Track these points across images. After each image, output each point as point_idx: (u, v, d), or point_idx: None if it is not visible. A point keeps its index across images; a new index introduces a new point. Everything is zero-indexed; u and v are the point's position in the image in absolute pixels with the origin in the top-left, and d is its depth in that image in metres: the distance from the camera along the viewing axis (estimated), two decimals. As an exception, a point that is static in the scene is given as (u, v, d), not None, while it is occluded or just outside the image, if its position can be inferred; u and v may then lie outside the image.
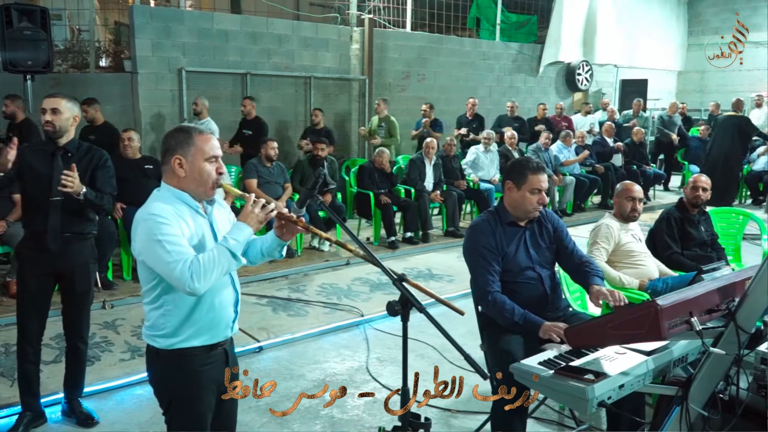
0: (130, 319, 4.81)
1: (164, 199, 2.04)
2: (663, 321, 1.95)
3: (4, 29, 6.05)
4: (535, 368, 2.26)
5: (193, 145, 2.05)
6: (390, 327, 4.84)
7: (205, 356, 2.12)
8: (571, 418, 3.42)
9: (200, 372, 2.10)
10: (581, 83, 12.73)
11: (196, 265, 1.91)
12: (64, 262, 3.21)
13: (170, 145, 2.07)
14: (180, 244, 1.94)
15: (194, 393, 2.11)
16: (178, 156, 2.05)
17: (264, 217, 2.02)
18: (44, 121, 3.13)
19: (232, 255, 1.96)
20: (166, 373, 2.12)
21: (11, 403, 3.47)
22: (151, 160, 5.88)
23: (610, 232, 3.81)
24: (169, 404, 2.14)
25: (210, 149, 2.06)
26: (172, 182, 2.08)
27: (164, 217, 1.95)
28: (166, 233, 1.93)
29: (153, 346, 2.11)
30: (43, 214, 3.14)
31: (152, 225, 1.94)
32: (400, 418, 1.86)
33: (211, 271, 1.92)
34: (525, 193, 2.91)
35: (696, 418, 2.32)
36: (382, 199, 7.08)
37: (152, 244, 1.93)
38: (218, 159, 2.08)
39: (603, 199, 9.62)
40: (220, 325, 2.14)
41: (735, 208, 5.57)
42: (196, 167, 2.04)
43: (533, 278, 2.94)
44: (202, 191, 2.09)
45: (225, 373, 2.15)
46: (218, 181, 2.08)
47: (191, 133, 2.07)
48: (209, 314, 2.09)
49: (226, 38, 8.37)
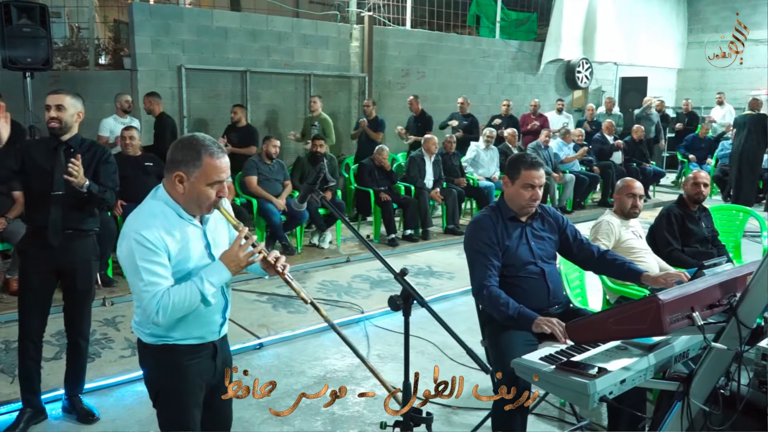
0: (130, 316, 4.74)
1: (156, 209, 1.99)
2: (665, 316, 1.95)
3: (4, 26, 6.05)
4: (537, 363, 2.25)
5: (199, 168, 1.95)
6: (390, 324, 4.84)
7: (192, 351, 2.11)
8: (571, 414, 3.42)
9: (186, 366, 2.10)
10: (581, 81, 12.72)
11: (165, 301, 1.90)
12: (65, 259, 3.21)
13: (176, 158, 1.98)
14: (157, 273, 1.91)
15: (180, 387, 2.11)
16: (180, 173, 1.96)
17: (246, 263, 1.99)
18: (49, 117, 3.12)
19: (203, 298, 1.95)
20: (153, 365, 2.13)
21: (12, 399, 3.47)
22: (151, 157, 5.87)
23: (611, 228, 3.80)
24: (156, 396, 2.15)
25: (215, 174, 1.96)
26: (169, 191, 2.02)
27: (150, 241, 1.90)
28: (147, 259, 1.90)
29: (141, 339, 2.13)
30: (44, 209, 3.14)
31: (135, 247, 1.90)
32: (402, 414, 1.86)
33: (177, 310, 1.93)
34: (518, 188, 2.91)
35: (697, 413, 2.32)
36: (382, 197, 7.08)
37: (132, 264, 1.92)
38: (222, 182, 1.99)
39: (603, 197, 9.62)
40: (206, 328, 2.13)
41: (735, 205, 5.57)
42: (196, 189, 1.97)
43: (535, 273, 2.93)
44: (197, 211, 2.04)
45: (216, 369, 2.17)
46: (216, 203, 2.02)
47: (201, 153, 1.95)
48: (196, 319, 2.07)
49: (226, 36, 8.36)
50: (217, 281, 1.97)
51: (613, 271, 3.05)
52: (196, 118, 8.14)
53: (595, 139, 9.98)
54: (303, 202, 2.13)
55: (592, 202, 9.84)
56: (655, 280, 2.78)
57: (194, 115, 8.12)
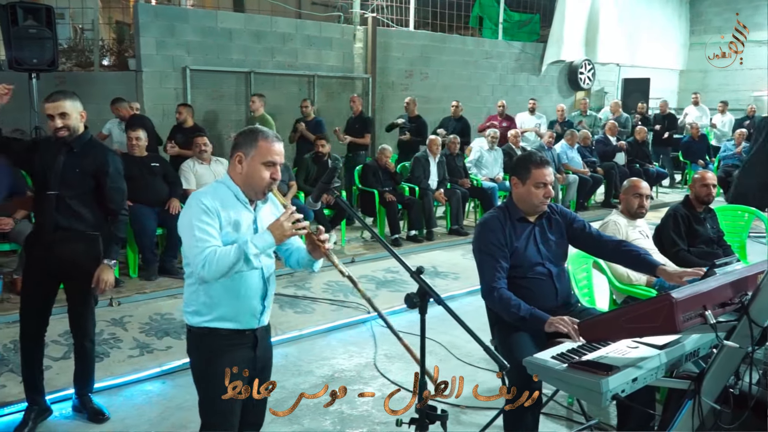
0: (137, 316, 4.83)
1: (218, 188, 2.21)
2: (678, 314, 1.96)
3: (10, 27, 6.07)
4: (549, 362, 2.26)
5: (255, 147, 2.19)
6: (397, 324, 4.81)
7: (232, 337, 2.23)
8: (579, 413, 3.43)
9: (224, 352, 2.20)
10: (583, 82, 12.73)
11: (211, 256, 2.06)
12: (66, 261, 3.17)
13: (238, 141, 2.24)
14: (209, 233, 2.09)
15: (219, 372, 2.12)
16: (240, 153, 2.20)
17: (291, 232, 2.14)
18: (55, 127, 3.07)
19: (246, 259, 2.09)
20: (194, 349, 2.26)
21: (22, 399, 3.46)
22: (157, 158, 5.89)
23: (618, 228, 3.81)
24: (197, 381, 2.26)
25: (269, 154, 2.18)
26: (231, 174, 2.24)
27: (206, 206, 2.11)
28: (201, 219, 2.09)
29: (187, 323, 2.26)
30: (41, 208, 3.15)
31: (194, 210, 2.11)
32: (417, 410, 1.87)
33: (221, 266, 2.07)
34: (530, 188, 2.92)
35: (707, 412, 2.33)
36: (387, 197, 7.09)
37: (188, 224, 2.11)
38: (276, 165, 2.20)
39: (606, 198, 9.63)
40: (246, 314, 2.25)
41: (740, 206, 5.58)
42: (252, 168, 2.18)
43: (543, 274, 2.94)
44: (253, 193, 2.23)
45: (256, 360, 2.30)
46: (270, 186, 2.20)
47: (257, 135, 2.21)
48: (234, 301, 2.21)
49: (230, 37, 8.39)
50: (261, 244, 2.11)
51: (629, 261, 2.98)
52: (200, 119, 8.15)
53: (599, 140, 9.99)
54: (317, 201, 2.15)
55: (595, 203, 9.85)
56: (671, 276, 2.73)
57: (199, 116, 8.14)
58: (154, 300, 5.20)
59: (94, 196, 3.21)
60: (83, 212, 3.17)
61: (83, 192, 3.17)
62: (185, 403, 3.50)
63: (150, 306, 5.07)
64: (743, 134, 10.36)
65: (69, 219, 3.14)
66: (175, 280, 5.45)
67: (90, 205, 3.20)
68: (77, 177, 3.14)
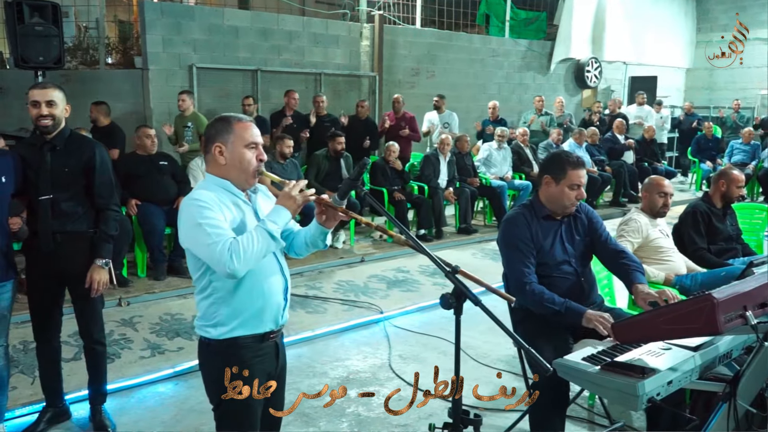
0: (147, 317, 4.76)
1: (207, 187, 2.05)
2: (719, 315, 1.90)
3: (16, 25, 6.00)
4: (581, 364, 2.20)
5: (232, 133, 2.05)
6: (410, 324, 4.79)
7: (256, 348, 2.09)
8: (601, 416, 3.36)
9: (251, 364, 2.06)
10: (590, 80, 12.66)
11: (236, 246, 1.89)
12: (64, 263, 3.04)
13: (210, 134, 2.09)
14: (220, 227, 1.94)
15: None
16: (218, 144, 2.06)
17: (302, 200, 2.01)
18: (39, 115, 2.89)
19: (270, 236, 1.95)
20: (217, 365, 2.04)
21: (33, 401, 3.42)
22: (165, 156, 5.83)
23: (639, 226, 3.75)
24: (220, 400, 2.08)
25: (249, 136, 2.06)
26: (214, 171, 2.09)
27: (205, 201, 1.96)
28: (207, 216, 1.94)
29: (205, 337, 2.09)
30: (35, 214, 3.00)
31: (194, 209, 1.95)
32: (450, 415, 1.81)
33: (250, 251, 1.90)
34: (564, 188, 2.85)
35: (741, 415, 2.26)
36: (396, 196, 7.03)
37: (194, 227, 1.94)
38: (258, 146, 2.08)
39: (615, 196, 9.56)
40: (271, 313, 2.11)
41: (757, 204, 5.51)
42: (237, 154, 2.05)
43: (569, 272, 2.88)
44: (243, 179, 2.08)
45: (277, 368, 2.16)
46: (259, 168, 2.08)
47: (230, 121, 2.07)
48: (259, 301, 2.07)
49: (237, 34, 8.32)
50: (280, 220, 1.98)
51: (618, 272, 2.97)
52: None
53: (606, 139, 9.91)
54: (344, 198, 2.06)
55: (603, 201, 9.77)
56: (636, 297, 2.72)
57: (205, 114, 8.06)
58: (163, 300, 5.13)
59: (87, 192, 3.08)
60: (80, 211, 3.06)
61: (77, 191, 3.04)
62: (199, 405, 3.43)
63: (160, 306, 5.01)
64: (751, 133, 10.29)
65: (66, 222, 3.02)
66: (184, 279, 5.39)
67: (86, 203, 3.08)
68: (68, 177, 3.00)
